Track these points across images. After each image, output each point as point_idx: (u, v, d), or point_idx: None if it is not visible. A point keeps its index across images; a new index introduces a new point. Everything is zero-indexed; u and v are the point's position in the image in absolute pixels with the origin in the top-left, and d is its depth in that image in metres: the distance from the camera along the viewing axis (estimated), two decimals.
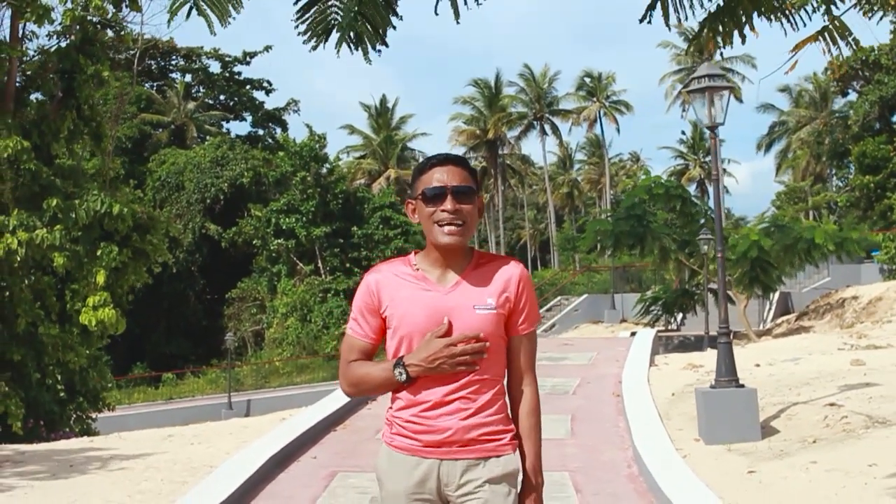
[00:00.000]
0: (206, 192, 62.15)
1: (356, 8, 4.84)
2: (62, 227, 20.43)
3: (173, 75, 76.44)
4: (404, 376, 3.65)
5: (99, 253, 21.06)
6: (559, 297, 57.57)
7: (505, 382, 3.87)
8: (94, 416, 24.72)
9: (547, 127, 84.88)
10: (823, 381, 16.41)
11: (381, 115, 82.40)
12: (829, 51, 5.12)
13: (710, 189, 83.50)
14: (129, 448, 14.61)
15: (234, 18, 4.96)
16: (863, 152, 51.94)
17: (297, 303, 57.77)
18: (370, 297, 3.83)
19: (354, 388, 3.84)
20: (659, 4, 5.15)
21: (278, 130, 75.73)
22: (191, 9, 4.77)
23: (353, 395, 3.93)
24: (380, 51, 5.03)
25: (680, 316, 42.05)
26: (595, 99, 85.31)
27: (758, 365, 20.12)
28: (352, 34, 4.87)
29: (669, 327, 41.26)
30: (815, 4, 4.86)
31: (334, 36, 4.93)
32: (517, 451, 3.80)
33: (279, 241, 59.81)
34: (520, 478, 3.80)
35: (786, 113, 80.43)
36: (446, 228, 3.71)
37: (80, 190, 21.86)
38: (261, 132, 77.13)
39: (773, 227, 35.11)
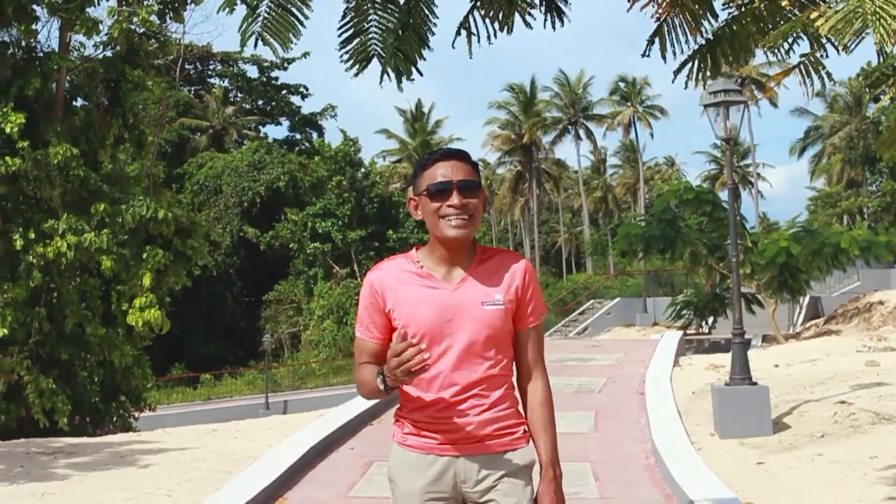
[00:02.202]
0: (243, 195, 62.75)
1: (394, 43, 5.50)
2: (109, 230, 20.86)
3: (211, 80, 77.19)
4: (384, 386, 3.57)
5: (144, 256, 21.62)
6: (592, 301, 57.69)
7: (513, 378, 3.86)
8: (136, 415, 25.24)
9: (581, 132, 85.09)
10: (837, 380, 16.92)
11: (417, 119, 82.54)
12: (804, 83, 5.83)
13: (744, 193, 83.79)
14: (175, 442, 15.15)
15: (295, 44, 5.58)
16: (893, 158, 51.80)
17: (333, 305, 58.07)
18: (374, 296, 3.78)
19: (363, 391, 3.75)
20: (657, 41, 5.88)
21: (315, 135, 76.42)
22: (257, 40, 5.26)
23: (365, 398, 3.82)
24: (413, 79, 5.71)
25: (711, 319, 42.23)
26: (629, 104, 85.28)
27: (777, 365, 20.60)
28: (389, 69, 5.54)
29: (700, 331, 41.58)
30: (788, 45, 5.54)
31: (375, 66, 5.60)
32: (531, 443, 3.79)
33: (315, 244, 60.44)
34: (536, 470, 3.77)
35: (820, 118, 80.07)
36: (454, 221, 3.65)
37: (126, 195, 22.41)
38: (297, 137, 77.87)
39: (803, 231, 35.34)
